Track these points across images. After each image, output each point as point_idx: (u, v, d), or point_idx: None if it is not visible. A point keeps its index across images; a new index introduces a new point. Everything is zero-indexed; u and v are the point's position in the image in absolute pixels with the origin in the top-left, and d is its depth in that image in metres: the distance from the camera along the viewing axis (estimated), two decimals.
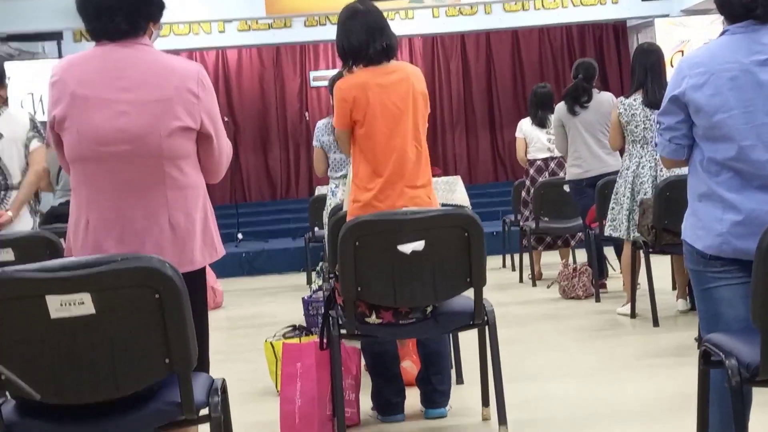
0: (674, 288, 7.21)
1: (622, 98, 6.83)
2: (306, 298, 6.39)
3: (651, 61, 6.64)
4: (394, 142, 4.24)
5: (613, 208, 6.91)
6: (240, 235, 12.49)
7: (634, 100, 6.63)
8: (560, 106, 7.99)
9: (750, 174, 3.05)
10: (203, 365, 3.23)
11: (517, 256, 9.78)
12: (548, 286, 8.67)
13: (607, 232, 7.04)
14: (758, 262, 2.74)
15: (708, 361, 3.02)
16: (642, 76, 6.71)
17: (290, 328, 4.99)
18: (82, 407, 2.87)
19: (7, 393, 2.84)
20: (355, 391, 4.47)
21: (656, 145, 3.39)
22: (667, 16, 12.35)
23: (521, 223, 9.39)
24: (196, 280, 3.25)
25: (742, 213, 3.05)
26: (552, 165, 9.04)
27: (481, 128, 15.61)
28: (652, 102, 6.55)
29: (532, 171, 9.15)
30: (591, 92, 7.77)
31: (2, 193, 5.27)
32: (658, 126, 3.31)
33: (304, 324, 5.41)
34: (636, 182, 6.74)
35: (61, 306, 2.66)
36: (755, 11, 3.04)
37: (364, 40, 4.24)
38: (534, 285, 9.09)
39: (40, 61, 11.60)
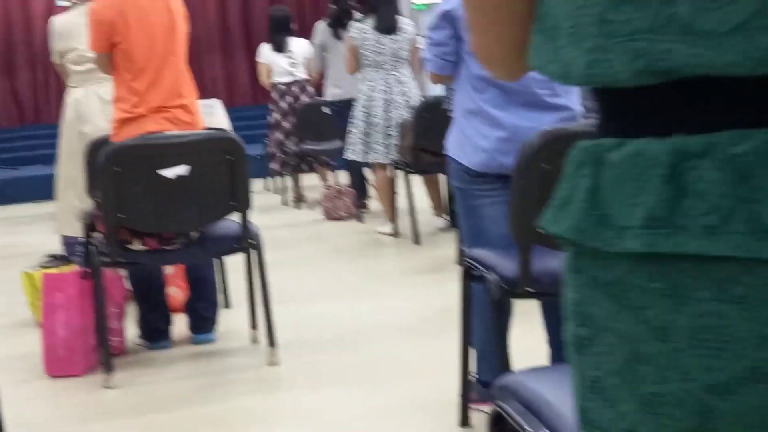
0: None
1: (354, 22, 6.94)
2: None
3: None
4: (155, 63, 4.11)
5: (350, 132, 7.05)
6: None
7: (367, 24, 6.75)
8: (323, 29, 8.01)
9: (514, 91, 3.14)
10: None
11: (279, 180, 9.80)
12: (312, 208, 8.77)
13: (347, 155, 7.20)
14: (516, 178, 2.81)
15: (470, 276, 3.11)
16: (375, 0, 6.83)
17: (49, 258, 4.82)
18: None
19: None
20: (120, 320, 4.35)
21: (425, 60, 3.43)
22: None
23: (271, 147, 9.42)
24: None
25: (506, 129, 3.14)
26: (295, 88, 9.06)
27: (238, 51, 15.40)
28: (382, 27, 6.70)
29: (275, 94, 9.18)
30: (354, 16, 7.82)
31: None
32: (427, 42, 3.35)
33: (64, 253, 5.22)
34: (369, 105, 6.89)
35: None
36: None
37: None
38: (297, 208, 9.17)
39: None
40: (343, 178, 9.17)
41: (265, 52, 9.18)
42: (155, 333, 4.53)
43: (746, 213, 0.83)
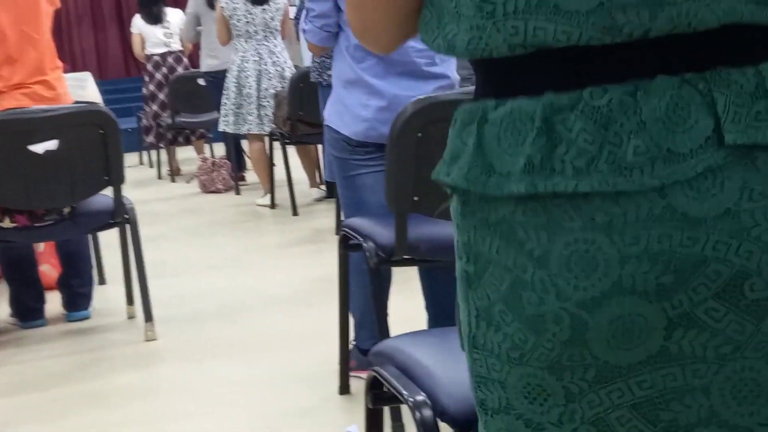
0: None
1: None
2: None
3: None
4: (13, 39, 3.98)
5: (224, 104, 7.00)
6: None
7: None
8: (199, 5, 7.87)
9: (393, 61, 3.16)
10: None
11: (154, 153, 9.66)
12: (188, 182, 8.66)
13: (220, 127, 7.15)
14: (390, 147, 2.82)
15: (347, 245, 3.12)
16: None
17: None
18: None
19: None
20: None
21: (304, 31, 3.41)
22: None
23: (146, 120, 9.31)
24: None
25: (385, 98, 3.16)
26: (170, 60, 8.95)
27: (109, 22, 15.06)
28: None
29: (149, 66, 9.05)
30: None
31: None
32: (307, 13, 3.33)
33: None
34: (241, 76, 6.87)
35: None
36: None
37: None
38: (173, 181, 9.05)
39: None
40: (219, 150, 9.10)
41: (139, 22, 9.02)
42: (28, 311, 4.43)
43: (607, 155, 0.98)
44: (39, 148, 3.76)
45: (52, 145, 3.78)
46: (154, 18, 8.88)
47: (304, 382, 3.46)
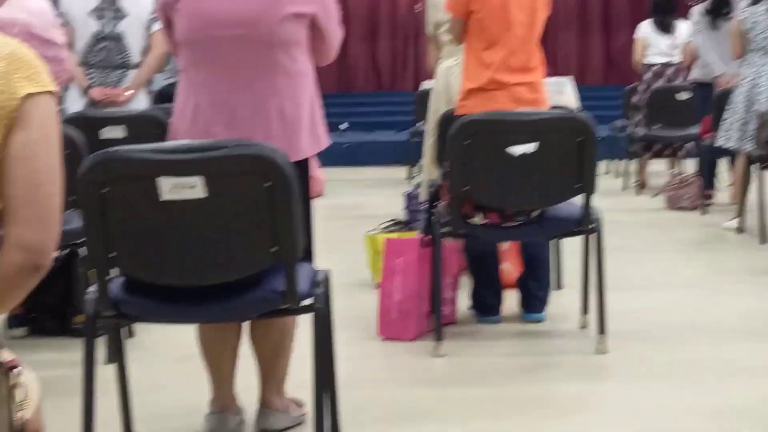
0: None
1: (744, 4, 6.64)
2: (408, 193, 6.37)
3: None
4: (507, 37, 4.17)
5: (726, 118, 6.76)
6: (344, 125, 12.52)
7: (758, 7, 6.46)
8: (700, 20, 7.74)
9: None
10: (308, 255, 3.23)
11: (622, 163, 9.68)
12: (653, 196, 8.56)
13: (718, 142, 6.93)
14: None
15: None
16: None
17: (391, 222, 4.99)
18: (188, 290, 2.91)
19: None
20: (454, 290, 4.48)
21: None
22: None
23: (630, 130, 9.27)
24: (301, 169, 3.24)
25: None
26: (669, 72, 8.84)
27: (594, 28, 15.26)
28: None
29: (648, 75, 8.96)
30: (732, 2, 7.56)
31: (122, 71, 5.42)
32: None
33: (406, 219, 5.40)
34: (753, 92, 6.61)
35: (173, 188, 2.68)
36: None
37: None
38: (638, 193, 9.00)
39: None
40: (690, 166, 8.89)
41: (646, 29, 9.04)
42: (486, 307, 4.60)
43: None
44: (517, 150, 3.88)
45: (529, 148, 3.89)
46: (665, 27, 8.84)
47: (744, 418, 3.29)
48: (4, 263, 1.65)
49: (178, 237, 2.76)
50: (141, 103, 5.50)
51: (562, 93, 8.70)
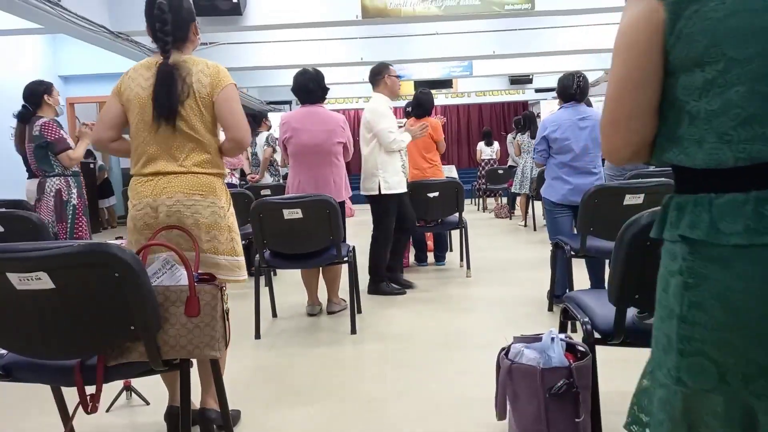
0: None
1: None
2: None
3: None
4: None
5: (519, 175, 11.86)
6: None
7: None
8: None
9: (575, 167, 5.68)
10: (344, 239, 5.69)
11: (476, 200, 16.04)
12: (489, 212, 14.60)
13: (514, 189, 11.82)
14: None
15: None
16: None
17: None
18: (294, 255, 5.42)
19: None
20: (408, 254, 8.30)
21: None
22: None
23: (477, 186, 15.26)
24: (342, 204, 5.90)
25: (572, 185, 5.73)
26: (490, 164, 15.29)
27: (464, 142, 23.38)
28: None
29: (484, 165, 14.85)
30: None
31: (253, 168, 10.17)
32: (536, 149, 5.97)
33: None
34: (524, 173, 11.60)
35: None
36: (575, 96, 6.03)
37: None
38: (482, 212, 14.76)
39: (280, 114, 18.82)
40: (504, 200, 14.34)
41: (481, 144, 13.38)
42: (420, 259, 8.49)
43: None
44: None
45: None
46: (489, 143, 13.62)
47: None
48: (224, 147, 3.50)
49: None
50: (266, 181, 10.17)
51: (451, 172, 13.57)
